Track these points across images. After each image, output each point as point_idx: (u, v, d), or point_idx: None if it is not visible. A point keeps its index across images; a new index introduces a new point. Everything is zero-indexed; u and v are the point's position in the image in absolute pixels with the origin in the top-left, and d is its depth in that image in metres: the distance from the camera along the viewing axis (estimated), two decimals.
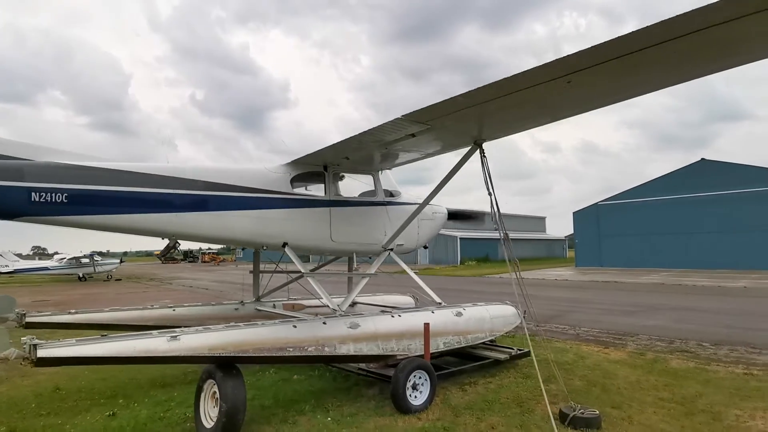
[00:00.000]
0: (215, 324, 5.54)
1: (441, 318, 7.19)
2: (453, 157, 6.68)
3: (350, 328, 6.03)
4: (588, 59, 3.74)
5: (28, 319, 6.58)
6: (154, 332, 4.72)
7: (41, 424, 5.52)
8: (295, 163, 6.97)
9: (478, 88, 4.29)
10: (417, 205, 8.61)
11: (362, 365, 6.91)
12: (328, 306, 9.50)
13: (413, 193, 8.85)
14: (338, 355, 5.80)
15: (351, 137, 5.73)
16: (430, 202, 9.19)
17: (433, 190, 6.97)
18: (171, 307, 7.86)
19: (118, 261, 38.10)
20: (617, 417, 5.70)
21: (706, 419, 5.66)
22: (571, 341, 10.50)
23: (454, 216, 10.00)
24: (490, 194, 5.98)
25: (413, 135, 5.72)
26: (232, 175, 6.43)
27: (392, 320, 6.60)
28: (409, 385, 5.88)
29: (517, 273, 6.44)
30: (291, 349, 5.37)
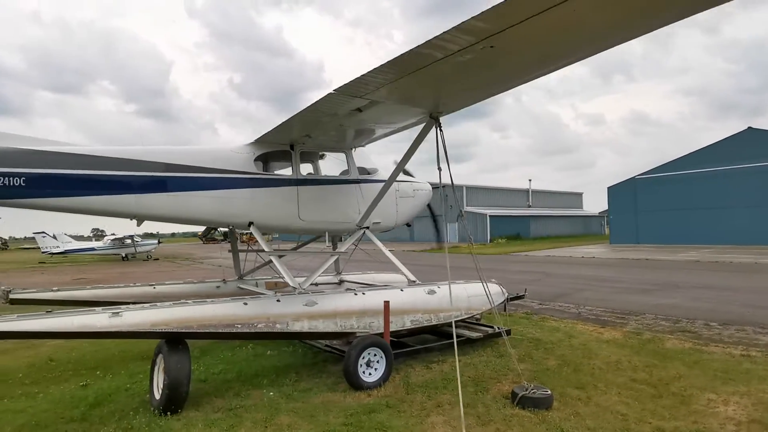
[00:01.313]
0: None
1: (410, 296, 7.11)
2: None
3: (306, 305, 6.06)
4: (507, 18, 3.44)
5: (12, 296, 7.04)
6: (98, 308, 4.93)
7: (18, 392, 5.95)
8: (258, 143, 6.97)
9: (395, 58, 4.09)
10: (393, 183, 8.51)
11: (330, 342, 6.99)
12: (314, 284, 9.71)
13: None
14: (291, 332, 5.86)
15: (292, 116, 5.65)
16: (412, 180, 9.05)
17: (396, 167, 6.81)
18: (152, 285, 8.18)
19: (156, 242, 40.12)
20: (575, 397, 5.49)
21: (672, 403, 5.36)
22: (568, 320, 10.16)
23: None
24: (439, 168, 5.77)
25: (360, 110, 5.58)
26: (194, 156, 6.51)
27: (354, 298, 6.59)
28: (362, 362, 5.88)
29: (472, 250, 6.21)
30: (239, 326, 5.47)
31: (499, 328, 8.22)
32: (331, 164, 8.14)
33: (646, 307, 11.47)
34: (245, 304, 5.68)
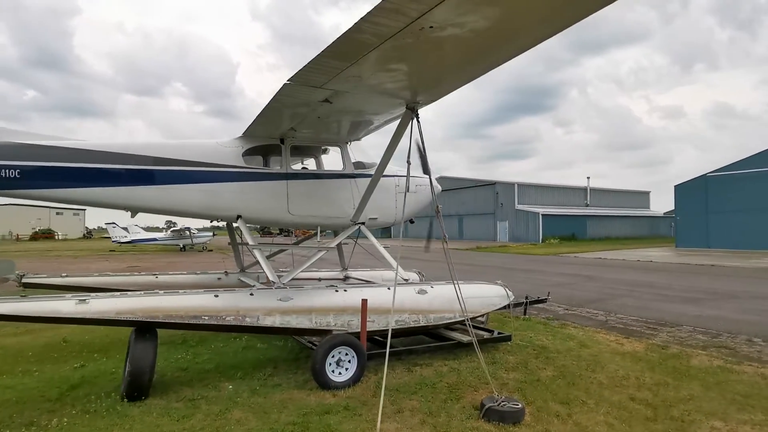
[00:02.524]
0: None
1: (397, 295, 6.83)
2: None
3: (280, 300, 6.00)
4: None
5: (25, 280, 7.61)
6: (68, 295, 5.16)
7: (18, 370, 6.40)
8: (246, 137, 7.00)
9: (329, 45, 3.87)
10: (393, 177, 8.25)
11: (314, 339, 6.89)
12: (317, 279, 9.68)
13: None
14: (261, 326, 5.82)
15: (262, 110, 5.60)
16: (415, 175, 8.73)
17: (381, 162, 6.56)
18: (155, 274, 8.52)
19: (211, 234, 42.32)
20: (553, 413, 5.00)
21: (665, 429, 4.72)
22: (590, 328, 9.38)
23: None
24: (408, 162, 5.47)
25: (329, 101, 5.40)
26: (182, 150, 6.65)
27: (334, 295, 6.44)
28: (332, 360, 5.73)
29: (445, 248, 5.85)
30: (206, 318, 5.51)
31: (499, 333, 7.77)
32: (334, 159, 8.04)
33: (687, 318, 10.35)
34: (216, 296, 5.71)
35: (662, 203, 66.00)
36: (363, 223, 7.70)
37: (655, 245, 40.91)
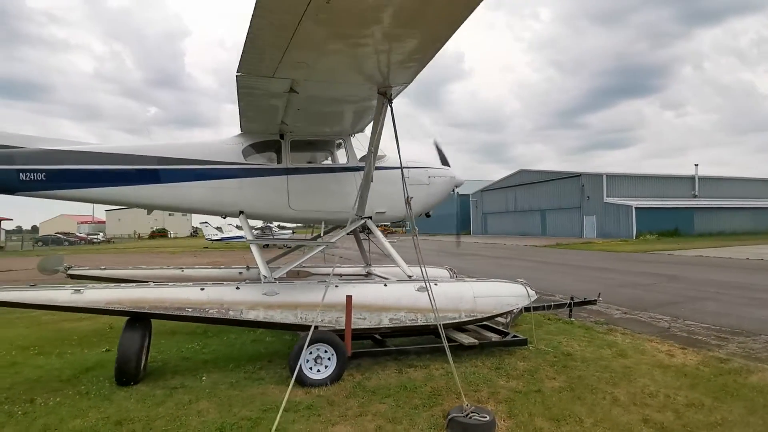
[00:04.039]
0: None
1: (393, 292, 6.53)
2: None
3: (265, 294, 6.02)
4: None
5: (70, 272, 8.53)
6: (67, 285, 5.63)
7: (57, 351, 7.18)
8: (246, 134, 7.13)
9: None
10: (397, 170, 7.91)
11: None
12: (336, 275, 9.64)
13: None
14: (244, 320, 5.87)
15: (238, 107, 5.67)
16: (430, 166, 8.31)
17: (368, 153, 6.29)
18: (181, 268, 9.07)
19: (291, 232, 44.64)
20: (531, 430, 4.38)
21: None
22: (644, 335, 8.19)
23: None
24: (370, 150, 5.15)
25: (295, 91, 5.28)
26: (185, 149, 6.97)
27: (322, 291, 6.27)
28: (310, 357, 5.61)
29: (415, 240, 5.41)
30: (190, 310, 5.68)
31: (514, 336, 7.10)
32: (343, 152, 7.92)
33: None
34: (202, 289, 5.88)
35: None
36: (370, 218, 7.48)
37: None
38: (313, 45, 4.08)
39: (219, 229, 48.69)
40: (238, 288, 6.05)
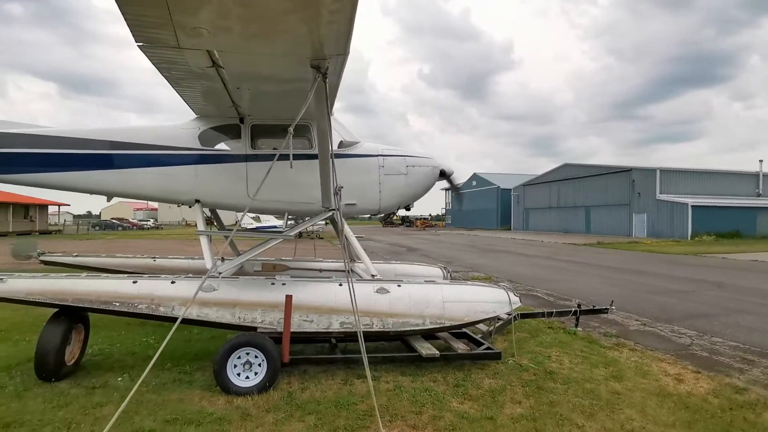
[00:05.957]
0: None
1: (348, 293, 5.85)
2: None
3: (202, 291, 5.52)
4: None
5: (43, 258, 8.44)
6: None
7: (15, 338, 7.06)
8: (203, 118, 6.65)
9: None
10: (377, 158, 7.23)
11: None
12: (316, 269, 9.11)
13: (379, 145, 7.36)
14: (175, 317, 5.39)
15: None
16: (408, 154, 7.54)
17: (319, 137, 5.61)
18: (153, 257, 8.78)
19: (324, 223, 44.72)
20: None
21: None
22: (656, 353, 7.06)
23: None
24: (289, 131, 4.48)
25: (218, 65, 4.69)
26: (138, 134, 6.58)
27: (266, 289, 5.75)
28: (238, 362, 5.06)
29: (341, 238, 4.69)
30: (117, 304, 5.28)
31: (487, 348, 6.25)
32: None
33: None
34: (134, 282, 5.48)
35: None
36: (337, 209, 6.81)
37: None
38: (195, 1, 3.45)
39: (257, 218, 49.70)
40: (173, 282, 5.60)
